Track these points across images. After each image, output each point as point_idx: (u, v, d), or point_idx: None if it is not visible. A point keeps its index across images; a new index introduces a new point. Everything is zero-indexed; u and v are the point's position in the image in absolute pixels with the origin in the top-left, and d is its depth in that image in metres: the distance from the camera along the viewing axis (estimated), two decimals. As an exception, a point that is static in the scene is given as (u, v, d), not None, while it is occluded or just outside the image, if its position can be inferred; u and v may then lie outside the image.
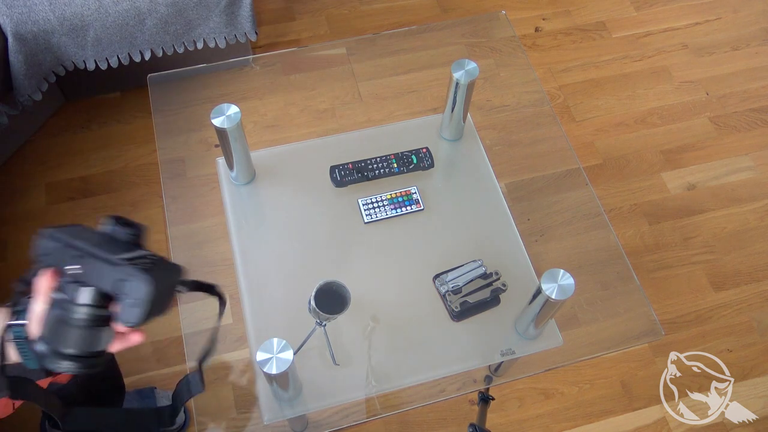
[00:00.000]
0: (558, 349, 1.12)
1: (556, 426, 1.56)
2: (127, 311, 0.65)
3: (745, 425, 1.58)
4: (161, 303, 0.68)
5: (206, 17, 1.73)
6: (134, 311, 0.65)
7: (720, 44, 2.24)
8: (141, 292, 0.64)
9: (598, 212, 1.29)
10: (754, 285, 1.77)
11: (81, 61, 1.70)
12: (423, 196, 1.23)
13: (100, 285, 0.66)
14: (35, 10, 1.56)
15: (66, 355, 0.67)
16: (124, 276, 0.65)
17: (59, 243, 0.67)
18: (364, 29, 2.20)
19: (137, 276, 0.64)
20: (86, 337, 0.67)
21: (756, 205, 1.91)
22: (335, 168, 1.24)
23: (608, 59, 2.18)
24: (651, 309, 1.18)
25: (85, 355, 0.68)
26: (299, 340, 1.07)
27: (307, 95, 1.50)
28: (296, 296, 1.11)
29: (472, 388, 1.17)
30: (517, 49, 1.56)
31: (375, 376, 1.08)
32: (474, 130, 1.34)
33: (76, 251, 0.66)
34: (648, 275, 1.77)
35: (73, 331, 0.66)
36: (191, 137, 1.36)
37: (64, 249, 0.66)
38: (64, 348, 0.66)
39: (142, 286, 0.64)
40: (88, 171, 1.87)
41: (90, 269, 0.65)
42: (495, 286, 1.12)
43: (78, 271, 0.65)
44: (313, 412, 1.08)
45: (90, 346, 0.68)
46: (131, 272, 0.65)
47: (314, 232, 1.21)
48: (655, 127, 2.04)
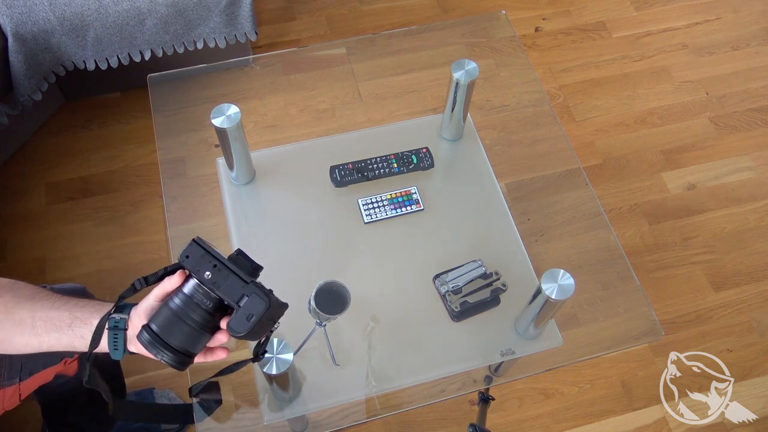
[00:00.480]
0: (558, 349, 1.12)
1: (556, 426, 1.56)
2: (239, 321, 0.76)
3: (745, 425, 1.58)
4: (262, 328, 0.79)
5: (206, 17, 1.73)
6: (244, 323, 0.76)
7: (720, 44, 2.24)
8: (257, 309, 0.76)
9: (598, 212, 1.29)
10: (754, 285, 1.77)
11: (81, 61, 1.70)
12: (423, 196, 1.23)
13: (226, 294, 0.77)
14: (35, 10, 1.56)
15: (168, 347, 0.76)
16: (248, 292, 0.76)
17: (202, 250, 0.78)
18: (364, 29, 2.20)
19: (259, 295, 0.76)
20: (191, 337, 0.78)
21: (756, 205, 1.91)
22: (335, 168, 1.24)
23: (608, 59, 2.18)
24: (651, 309, 1.18)
25: (182, 351, 0.77)
26: (299, 340, 1.07)
27: (307, 95, 1.50)
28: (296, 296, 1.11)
29: (472, 388, 1.17)
30: (517, 49, 1.56)
31: (375, 376, 1.08)
32: (474, 130, 1.34)
33: (215, 260, 0.78)
34: (648, 275, 1.77)
35: (183, 328, 0.77)
36: (191, 137, 1.36)
37: (205, 255, 0.78)
38: (170, 340, 0.76)
39: (260, 304, 0.76)
40: (88, 171, 1.87)
41: (221, 279, 0.77)
42: (495, 286, 1.12)
43: (209, 279, 0.77)
44: (313, 412, 1.08)
45: (190, 346, 0.78)
46: (255, 290, 0.76)
47: (314, 232, 1.21)
48: (655, 127, 2.04)
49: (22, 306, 0.84)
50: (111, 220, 1.79)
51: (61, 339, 0.83)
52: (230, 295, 0.77)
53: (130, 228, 1.78)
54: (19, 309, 0.84)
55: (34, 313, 0.83)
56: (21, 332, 0.83)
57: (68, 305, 0.84)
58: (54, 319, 0.83)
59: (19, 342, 0.84)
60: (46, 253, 1.73)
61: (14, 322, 0.83)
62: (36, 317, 0.83)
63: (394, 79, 1.54)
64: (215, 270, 0.77)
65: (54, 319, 0.83)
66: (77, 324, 0.83)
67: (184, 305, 0.77)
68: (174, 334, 0.77)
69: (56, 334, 0.83)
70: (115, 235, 1.77)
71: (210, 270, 0.77)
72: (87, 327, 0.82)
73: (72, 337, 0.83)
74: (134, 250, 1.74)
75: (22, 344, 0.84)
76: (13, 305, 0.84)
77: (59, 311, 0.83)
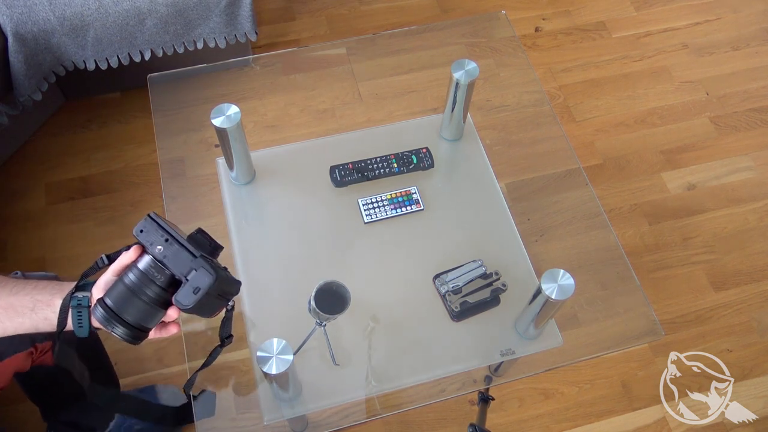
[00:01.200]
0: (558, 349, 1.12)
1: (556, 426, 1.56)
2: (185, 294, 0.76)
3: (745, 425, 1.58)
4: (212, 303, 0.80)
5: (206, 17, 1.73)
6: (191, 296, 0.76)
7: (720, 44, 2.24)
8: (204, 282, 0.76)
9: (598, 212, 1.29)
10: (754, 285, 1.77)
11: (81, 61, 1.70)
12: (423, 196, 1.23)
13: (175, 268, 0.77)
14: (35, 10, 1.56)
15: (123, 322, 0.77)
16: (195, 266, 0.77)
17: (156, 225, 0.79)
18: (364, 29, 2.20)
19: (206, 269, 0.76)
20: (145, 312, 0.78)
21: (756, 205, 1.91)
22: (335, 168, 1.24)
23: (608, 59, 2.18)
24: (651, 309, 1.18)
25: (136, 326, 0.78)
26: (299, 340, 1.07)
27: (307, 95, 1.50)
28: (296, 296, 1.11)
29: (472, 388, 1.17)
30: (517, 49, 1.56)
31: (375, 376, 1.08)
32: (474, 130, 1.34)
33: (167, 236, 0.78)
34: (648, 275, 1.77)
35: (138, 303, 0.77)
36: (191, 137, 1.36)
37: (158, 230, 0.79)
38: (125, 315, 0.77)
39: (205, 278, 0.76)
40: (88, 171, 1.87)
41: (171, 253, 0.78)
42: (495, 286, 1.12)
43: (160, 252, 0.78)
44: (313, 412, 1.08)
45: (144, 321, 0.79)
46: (202, 264, 0.77)
47: (314, 232, 1.21)
48: (655, 127, 2.04)
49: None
50: (111, 220, 1.79)
51: (24, 323, 0.83)
52: (179, 269, 0.78)
53: (130, 228, 1.75)
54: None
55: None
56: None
57: (27, 289, 0.84)
58: (15, 306, 0.83)
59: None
60: (46, 253, 1.73)
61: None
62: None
63: (394, 79, 1.54)
64: (167, 244, 0.78)
65: (15, 305, 0.83)
66: (40, 307, 0.83)
67: (138, 280, 0.78)
68: (128, 310, 0.77)
69: (19, 320, 0.83)
70: (115, 235, 1.77)
71: (162, 244, 0.78)
72: (50, 308, 0.83)
73: (35, 320, 0.83)
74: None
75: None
76: None
77: (18, 296, 0.83)
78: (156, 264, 0.78)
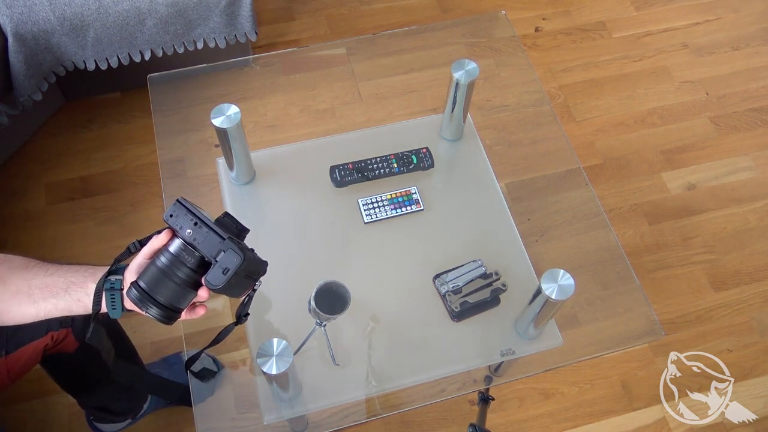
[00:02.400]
0: (558, 349, 1.12)
1: (556, 426, 1.56)
2: (215, 275, 0.79)
3: (745, 425, 1.58)
4: (241, 283, 0.83)
5: (206, 17, 1.73)
6: (220, 276, 0.79)
7: (720, 44, 2.24)
8: (233, 263, 0.79)
9: (598, 212, 1.29)
10: (754, 285, 1.77)
11: (81, 61, 1.70)
12: (423, 196, 1.23)
13: (205, 250, 0.80)
14: (35, 10, 1.56)
15: (157, 303, 0.80)
16: (224, 248, 0.80)
17: (185, 210, 0.82)
18: (364, 29, 2.20)
19: (234, 250, 0.79)
20: (177, 293, 0.81)
21: (756, 205, 1.91)
22: (335, 168, 1.24)
23: (608, 59, 2.18)
24: (651, 309, 1.18)
25: (169, 306, 0.81)
26: (299, 340, 1.07)
27: (307, 95, 1.50)
28: (296, 296, 1.11)
29: (472, 388, 1.17)
30: (517, 49, 1.56)
31: (375, 376, 1.08)
32: (474, 130, 1.34)
33: (196, 219, 0.81)
34: (648, 275, 1.77)
35: (170, 284, 0.80)
36: (191, 137, 1.36)
37: (187, 215, 0.82)
38: (157, 296, 0.80)
39: (234, 259, 0.79)
40: (88, 171, 1.87)
41: (201, 236, 0.81)
42: (495, 286, 1.12)
43: (190, 236, 0.80)
44: (313, 412, 1.08)
45: (176, 302, 0.82)
46: (231, 246, 0.80)
47: (314, 232, 1.21)
48: (655, 127, 2.04)
49: (17, 275, 0.86)
50: (111, 220, 1.79)
51: (58, 304, 0.85)
52: (208, 251, 0.80)
53: (130, 228, 1.78)
54: (14, 279, 0.86)
55: (29, 281, 0.86)
56: (19, 301, 0.85)
57: (61, 271, 0.87)
58: (50, 286, 0.85)
59: (16, 311, 0.86)
60: (46, 253, 1.73)
61: (11, 291, 0.85)
62: (32, 285, 0.85)
63: (394, 79, 1.54)
64: (196, 227, 0.81)
65: (50, 285, 0.85)
66: (73, 288, 0.85)
67: (169, 263, 0.81)
68: (161, 291, 0.80)
69: (53, 300, 0.85)
70: (115, 235, 1.77)
71: (191, 227, 0.81)
72: (83, 290, 0.85)
73: (69, 302, 0.85)
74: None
75: (20, 314, 0.86)
76: (8, 276, 0.86)
77: (53, 277, 0.86)
78: (186, 247, 0.81)
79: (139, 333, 1.58)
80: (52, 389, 1.32)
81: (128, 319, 1.55)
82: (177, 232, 0.82)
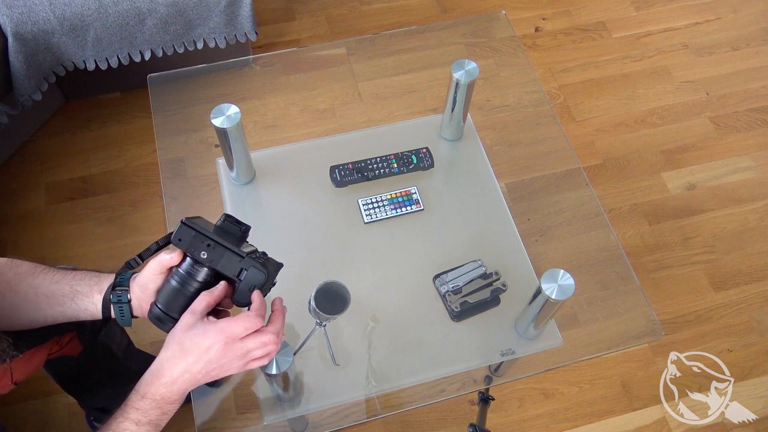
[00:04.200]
0: (558, 349, 1.12)
1: (556, 426, 1.56)
2: (243, 295, 0.81)
3: (745, 425, 1.58)
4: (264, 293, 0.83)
5: (206, 17, 1.73)
6: (247, 295, 0.80)
7: (720, 44, 2.24)
8: (258, 280, 0.80)
9: (598, 212, 1.29)
10: (754, 285, 1.77)
11: (81, 61, 1.70)
12: (423, 196, 1.23)
13: (225, 270, 0.81)
14: (35, 10, 1.56)
15: (174, 319, 0.80)
16: (245, 266, 0.80)
17: (194, 231, 0.81)
18: (364, 29, 2.20)
19: (257, 267, 0.80)
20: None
21: (756, 205, 1.91)
22: (335, 168, 1.24)
23: (608, 59, 2.18)
24: (651, 309, 1.18)
25: None
26: (299, 340, 1.07)
27: (307, 95, 1.50)
28: (296, 296, 1.11)
29: (472, 388, 1.17)
30: (517, 49, 1.56)
31: (375, 376, 1.08)
32: (474, 130, 1.34)
33: (207, 240, 0.81)
34: (648, 275, 1.77)
35: (184, 300, 0.81)
36: (191, 137, 1.36)
37: (197, 236, 0.81)
38: (175, 313, 0.81)
39: (259, 276, 0.80)
40: (88, 171, 1.87)
41: (217, 257, 0.81)
42: (495, 286, 1.12)
43: (207, 258, 0.81)
44: (313, 412, 1.08)
45: None
46: (252, 264, 0.81)
47: (314, 232, 1.21)
48: (655, 127, 2.04)
49: (24, 283, 0.87)
50: (111, 220, 1.79)
51: (66, 312, 0.86)
52: (229, 271, 0.81)
53: (130, 228, 1.78)
54: (22, 286, 0.86)
55: (36, 289, 0.86)
56: (26, 308, 0.86)
57: (67, 278, 0.87)
58: (56, 295, 0.86)
59: (24, 318, 0.87)
60: (46, 253, 1.73)
61: (19, 298, 0.86)
62: (39, 294, 0.86)
63: (394, 79, 1.54)
64: (210, 249, 0.81)
65: (56, 294, 0.86)
66: (79, 298, 0.86)
67: (185, 281, 0.81)
68: (177, 307, 0.81)
69: (60, 309, 0.86)
70: (115, 235, 1.77)
71: (205, 250, 0.81)
72: (89, 300, 0.86)
73: (76, 310, 0.86)
74: (134, 250, 1.72)
75: (28, 320, 0.87)
76: (16, 283, 0.86)
77: (59, 285, 0.87)
78: (202, 266, 0.82)
79: (139, 333, 1.58)
80: (52, 389, 1.33)
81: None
82: (190, 255, 0.82)
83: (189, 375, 0.77)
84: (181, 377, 0.77)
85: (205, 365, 0.77)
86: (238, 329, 0.77)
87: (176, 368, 0.77)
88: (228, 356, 0.77)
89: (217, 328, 0.77)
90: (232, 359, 0.78)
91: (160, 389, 0.78)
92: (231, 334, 0.77)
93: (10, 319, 0.87)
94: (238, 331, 0.77)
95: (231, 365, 0.78)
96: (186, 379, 0.77)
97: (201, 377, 0.78)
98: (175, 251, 0.83)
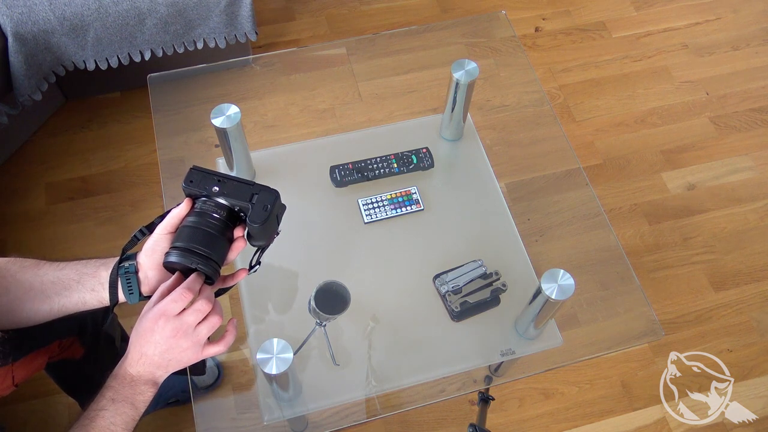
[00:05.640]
0: (558, 349, 1.12)
1: (556, 426, 1.56)
2: (257, 213, 0.84)
3: (745, 425, 1.58)
4: (272, 223, 0.87)
5: (206, 17, 1.73)
6: (262, 213, 0.84)
7: (720, 44, 2.24)
8: (270, 199, 0.85)
9: (598, 212, 1.29)
10: (754, 285, 1.77)
11: (81, 61, 1.70)
12: (423, 196, 1.23)
13: (238, 198, 0.84)
14: (35, 10, 1.56)
15: (197, 254, 0.82)
16: (255, 191, 0.85)
17: (203, 173, 0.86)
18: (364, 29, 2.20)
19: (266, 189, 0.86)
20: (213, 242, 0.83)
21: (756, 205, 1.91)
22: (335, 168, 1.24)
23: (608, 59, 2.18)
24: (651, 309, 1.18)
25: (209, 257, 0.82)
26: (299, 340, 1.07)
27: (307, 95, 1.50)
28: (296, 296, 1.11)
29: (472, 388, 1.17)
30: (517, 49, 1.56)
31: (375, 376, 1.08)
32: (474, 130, 1.34)
33: (216, 176, 0.86)
34: (648, 275, 1.77)
35: (204, 233, 0.83)
36: (191, 137, 1.36)
37: (206, 176, 0.86)
38: (196, 247, 0.82)
39: (270, 195, 0.86)
40: (88, 171, 1.87)
41: (228, 189, 0.85)
42: (495, 286, 1.12)
43: (219, 191, 0.84)
44: (313, 412, 1.08)
45: (214, 250, 0.83)
46: (262, 188, 0.86)
47: (314, 232, 1.21)
48: (655, 127, 2.04)
49: (28, 273, 0.87)
50: (111, 220, 1.79)
51: (72, 296, 0.86)
52: (241, 197, 0.85)
53: (130, 228, 1.78)
54: (26, 276, 0.86)
55: (41, 277, 0.86)
56: (32, 298, 0.85)
57: (72, 264, 0.88)
58: (62, 279, 0.86)
59: (29, 309, 0.86)
60: (46, 253, 1.73)
61: (23, 288, 0.86)
62: (44, 281, 0.86)
63: (394, 79, 1.54)
64: (221, 183, 0.85)
65: (62, 279, 0.86)
66: (85, 279, 0.86)
67: (200, 219, 0.84)
68: (198, 241, 0.82)
69: (66, 293, 0.85)
70: (115, 235, 1.77)
71: (216, 184, 0.85)
72: (96, 279, 0.85)
73: (82, 292, 0.86)
74: (134, 250, 1.74)
75: (33, 311, 0.86)
76: (21, 274, 0.86)
77: (65, 271, 0.87)
78: (214, 201, 0.85)
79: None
80: (52, 389, 1.32)
81: (128, 319, 1.54)
82: (201, 192, 0.85)
83: (146, 358, 0.80)
84: (140, 360, 0.80)
85: (155, 347, 0.79)
86: (170, 305, 0.79)
87: (134, 352, 0.80)
88: (171, 334, 0.79)
89: (154, 310, 0.79)
90: (178, 338, 0.79)
91: (129, 370, 0.81)
92: (164, 310, 0.78)
93: (17, 313, 0.86)
94: (170, 307, 0.79)
95: (180, 344, 0.79)
96: (144, 361, 0.80)
97: (158, 359, 0.80)
98: (183, 203, 0.86)
